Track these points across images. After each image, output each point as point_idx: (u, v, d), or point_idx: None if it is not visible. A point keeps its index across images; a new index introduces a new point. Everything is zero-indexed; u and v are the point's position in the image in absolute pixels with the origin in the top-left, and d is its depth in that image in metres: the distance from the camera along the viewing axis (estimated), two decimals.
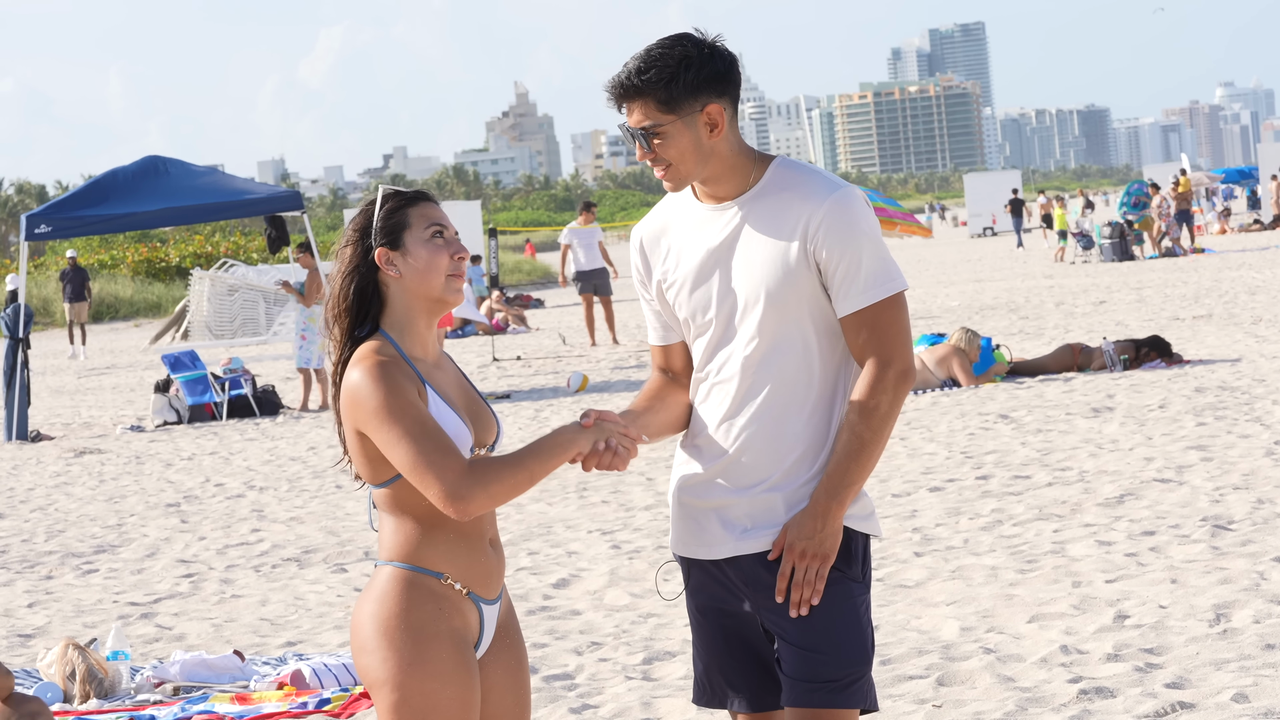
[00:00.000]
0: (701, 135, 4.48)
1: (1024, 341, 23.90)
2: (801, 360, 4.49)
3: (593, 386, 22.39)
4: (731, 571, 4.56)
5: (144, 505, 15.22)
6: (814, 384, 4.50)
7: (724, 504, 4.54)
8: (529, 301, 45.92)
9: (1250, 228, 58.90)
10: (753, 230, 4.51)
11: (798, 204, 4.47)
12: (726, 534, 4.54)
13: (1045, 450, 14.00)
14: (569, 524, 12.41)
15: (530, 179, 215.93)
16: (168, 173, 23.40)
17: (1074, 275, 40.29)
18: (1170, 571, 9.40)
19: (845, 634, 4.48)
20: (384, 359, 4.31)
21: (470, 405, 4.49)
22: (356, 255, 4.44)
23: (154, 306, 57.11)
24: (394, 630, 4.30)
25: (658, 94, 4.45)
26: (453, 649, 4.32)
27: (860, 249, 4.45)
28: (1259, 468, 12.32)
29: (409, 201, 4.47)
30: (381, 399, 4.25)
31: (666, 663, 8.37)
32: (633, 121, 4.50)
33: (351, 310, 4.44)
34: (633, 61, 4.49)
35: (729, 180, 4.55)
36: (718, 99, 4.48)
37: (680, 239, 4.63)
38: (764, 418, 4.49)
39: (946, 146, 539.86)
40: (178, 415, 22.90)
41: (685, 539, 4.64)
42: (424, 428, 4.23)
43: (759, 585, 4.53)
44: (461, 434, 4.35)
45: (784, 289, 4.46)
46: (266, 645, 9.53)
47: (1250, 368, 18.51)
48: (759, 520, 4.51)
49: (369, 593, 4.38)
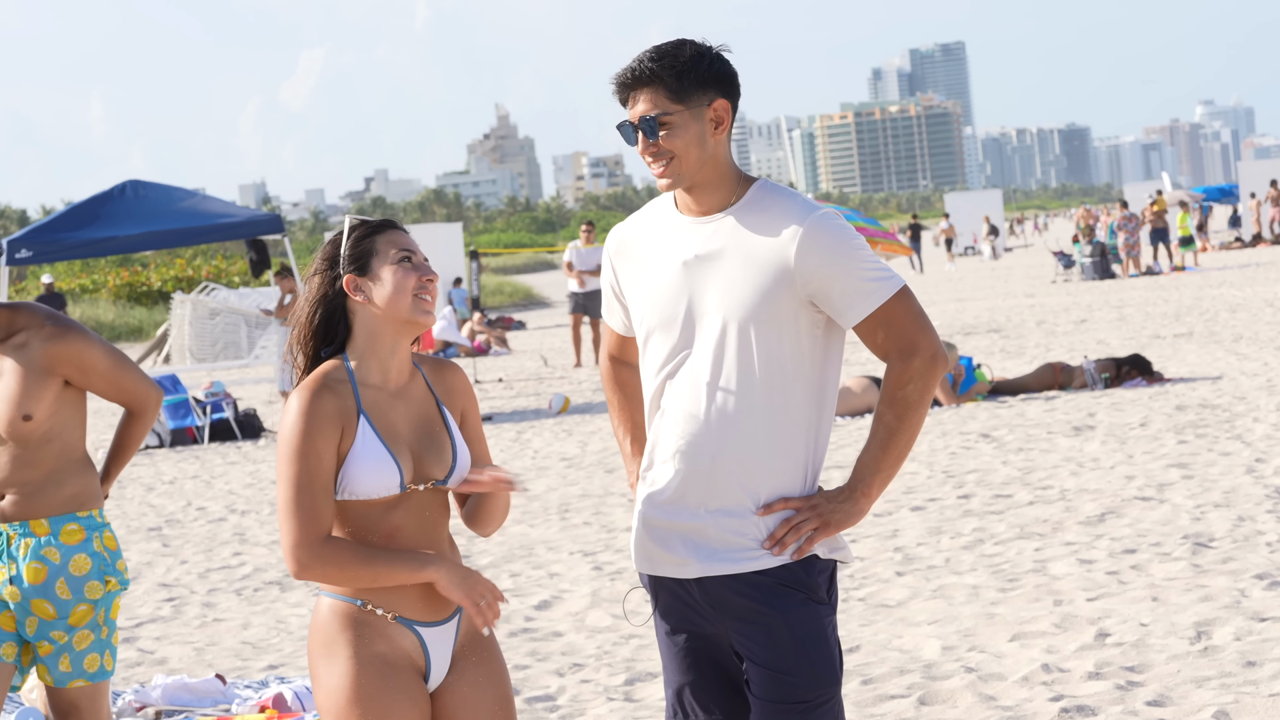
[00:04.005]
0: (706, 131, 4.49)
1: (1005, 360, 23.93)
2: (775, 380, 4.47)
3: (574, 408, 22.38)
4: (698, 592, 4.55)
5: (125, 529, 15.18)
6: (788, 405, 4.48)
7: (692, 527, 4.52)
8: (510, 323, 45.87)
9: (1231, 245, 59.04)
10: (731, 246, 4.50)
11: (778, 225, 4.47)
12: (694, 555, 4.52)
13: (1027, 469, 14.02)
14: (550, 546, 12.41)
15: (512, 201, 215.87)
16: (148, 197, 23.39)
17: (1055, 294, 40.35)
18: (1151, 589, 9.42)
19: (813, 655, 4.48)
20: (321, 386, 4.40)
21: (425, 439, 4.50)
22: (325, 284, 4.50)
23: (135, 331, 56.96)
24: (324, 659, 4.43)
25: (668, 82, 4.46)
26: (375, 674, 4.40)
27: (850, 260, 4.45)
28: (1240, 485, 12.35)
29: (376, 230, 4.52)
30: (289, 434, 4.37)
31: (648, 684, 8.37)
32: (640, 111, 4.50)
33: (316, 337, 4.50)
34: (643, 53, 4.51)
35: (714, 192, 4.55)
36: (724, 97, 4.50)
37: (655, 248, 4.62)
38: (735, 439, 4.47)
39: (928, 166, 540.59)
40: (159, 439, 22.86)
41: (653, 557, 4.61)
42: (308, 480, 4.35)
43: (726, 608, 4.52)
44: (384, 469, 4.39)
45: (760, 308, 4.45)
46: (248, 669, 9.52)
47: (1231, 385, 18.54)
48: (729, 543, 4.50)
49: (310, 624, 4.52)
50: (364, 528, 4.41)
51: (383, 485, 4.38)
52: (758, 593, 4.48)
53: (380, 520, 4.41)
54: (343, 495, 4.39)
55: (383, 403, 4.45)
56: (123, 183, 23.74)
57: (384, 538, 4.41)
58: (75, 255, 24.36)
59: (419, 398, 4.55)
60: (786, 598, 4.48)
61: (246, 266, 42.66)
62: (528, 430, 20.39)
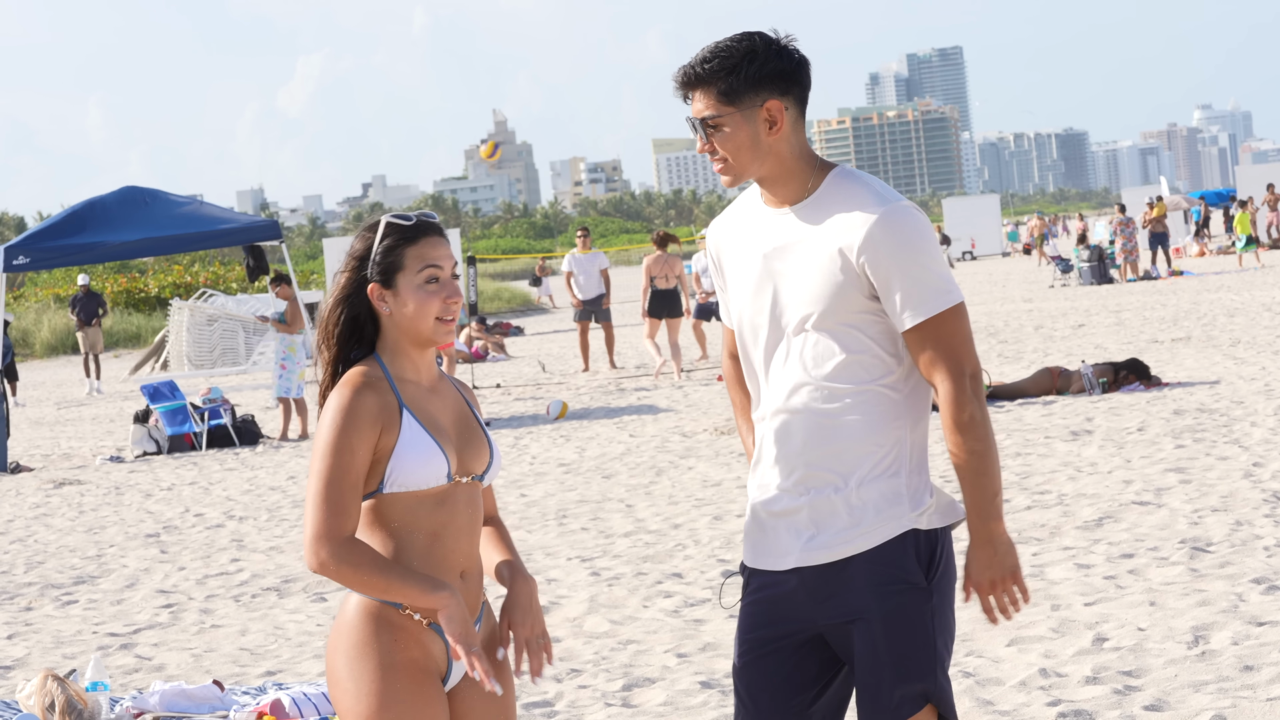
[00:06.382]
0: (760, 131, 4.47)
1: (1003, 365, 23.94)
2: (856, 372, 4.45)
3: (572, 414, 22.38)
4: (796, 581, 4.55)
5: (123, 536, 15.19)
6: (871, 395, 4.46)
7: (789, 510, 4.52)
8: (508, 329, 45.88)
9: (1229, 250, 59.02)
10: (804, 240, 4.49)
11: (849, 216, 4.45)
12: (793, 542, 4.52)
13: (1024, 473, 14.02)
14: (548, 551, 12.41)
15: (509, 206, 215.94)
16: (146, 203, 23.39)
17: (1052, 299, 40.36)
18: (1149, 594, 9.42)
19: (910, 645, 4.45)
20: (363, 384, 4.38)
21: (464, 433, 4.52)
22: (352, 283, 4.49)
23: (133, 337, 56.96)
24: (353, 662, 4.38)
25: (719, 84, 4.46)
26: (408, 680, 4.37)
27: (913, 263, 4.41)
28: (1237, 490, 12.35)
29: (408, 239, 4.48)
30: (326, 429, 4.35)
31: (646, 689, 8.37)
32: (694, 111, 4.51)
33: (343, 335, 4.48)
34: (701, 51, 4.52)
35: (786, 184, 4.55)
36: (780, 96, 4.48)
37: (742, 239, 4.64)
38: (822, 431, 4.46)
39: (925, 171, 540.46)
40: (157, 446, 22.86)
41: (756, 548, 4.63)
42: (339, 476, 4.32)
43: (822, 597, 4.51)
44: (434, 461, 4.39)
45: (833, 299, 4.44)
46: (246, 675, 9.52)
47: (1229, 390, 18.55)
48: (822, 525, 4.49)
49: (336, 624, 4.46)
50: (411, 524, 4.39)
51: (432, 475, 4.37)
52: (851, 585, 4.46)
53: (429, 516, 4.40)
54: (392, 488, 4.37)
55: (421, 397, 4.47)
56: (121, 189, 23.77)
57: (429, 536, 4.40)
58: (73, 262, 24.33)
59: (451, 394, 4.57)
60: (880, 589, 4.44)
61: (244, 273, 42.71)
62: (525, 436, 20.39)
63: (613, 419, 21.25)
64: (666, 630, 9.60)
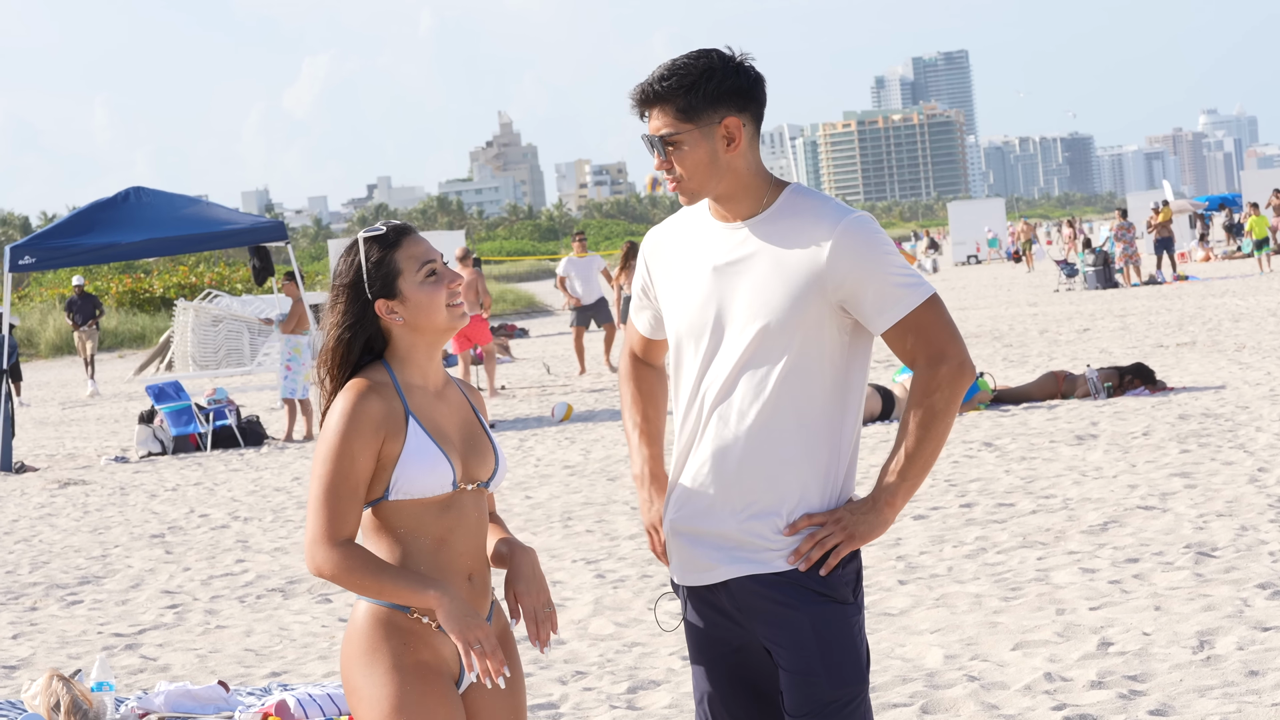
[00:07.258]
0: (718, 148, 4.49)
1: (1008, 369, 23.93)
2: (802, 385, 4.48)
3: (577, 416, 22.39)
4: (726, 597, 4.57)
5: (128, 536, 15.20)
6: (814, 410, 4.49)
7: (717, 530, 4.54)
8: (513, 331, 45.86)
9: (1234, 255, 59.01)
10: (761, 253, 4.51)
11: (809, 230, 4.48)
12: (721, 559, 4.54)
13: (1029, 478, 14.02)
14: (554, 553, 12.41)
15: (514, 208, 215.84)
16: (151, 203, 23.38)
17: (1058, 303, 40.35)
18: (1154, 599, 9.42)
19: (839, 656, 4.49)
20: (368, 390, 4.39)
21: (470, 440, 4.53)
22: (354, 310, 4.48)
23: (138, 338, 56.98)
24: (364, 668, 4.40)
25: (677, 101, 4.47)
26: (420, 681, 4.38)
27: (882, 266, 4.46)
28: (1242, 495, 12.35)
29: (393, 245, 4.49)
30: (329, 433, 4.37)
31: (651, 691, 8.37)
32: (652, 129, 4.53)
33: (348, 363, 4.49)
34: (658, 69, 4.52)
35: (742, 200, 4.56)
36: (738, 113, 4.50)
37: (687, 253, 4.64)
38: (759, 443, 4.48)
39: (930, 175, 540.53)
40: (162, 446, 22.87)
41: (684, 565, 4.64)
42: (339, 481, 4.35)
43: (753, 611, 4.54)
44: (439, 469, 4.40)
45: (788, 314, 4.46)
46: (251, 676, 9.52)
47: (1234, 395, 18.54)
48: (755, 545, 4.51)
49: (346, 631, 4.48)
50: (417, 529, 4.40)
51: (436, 483, 4.39)
52: (782, 594, 4.50)
53: (434, 522, 4.41)
54: (397, 495, 4.38)
55: (427, 404, 4.48)
56: (126, 189, 23.76)
57: (436, 540, 4.41)
58: (78, 262, 24.35)
59: (457, 400, 4.58)
60: (811, 599, 4.49)
61: (249, 274, 42.66)
62: (530, 438, 20.40)
63: (617, 421, 21.24)
64: (671, 633, 9.60)
